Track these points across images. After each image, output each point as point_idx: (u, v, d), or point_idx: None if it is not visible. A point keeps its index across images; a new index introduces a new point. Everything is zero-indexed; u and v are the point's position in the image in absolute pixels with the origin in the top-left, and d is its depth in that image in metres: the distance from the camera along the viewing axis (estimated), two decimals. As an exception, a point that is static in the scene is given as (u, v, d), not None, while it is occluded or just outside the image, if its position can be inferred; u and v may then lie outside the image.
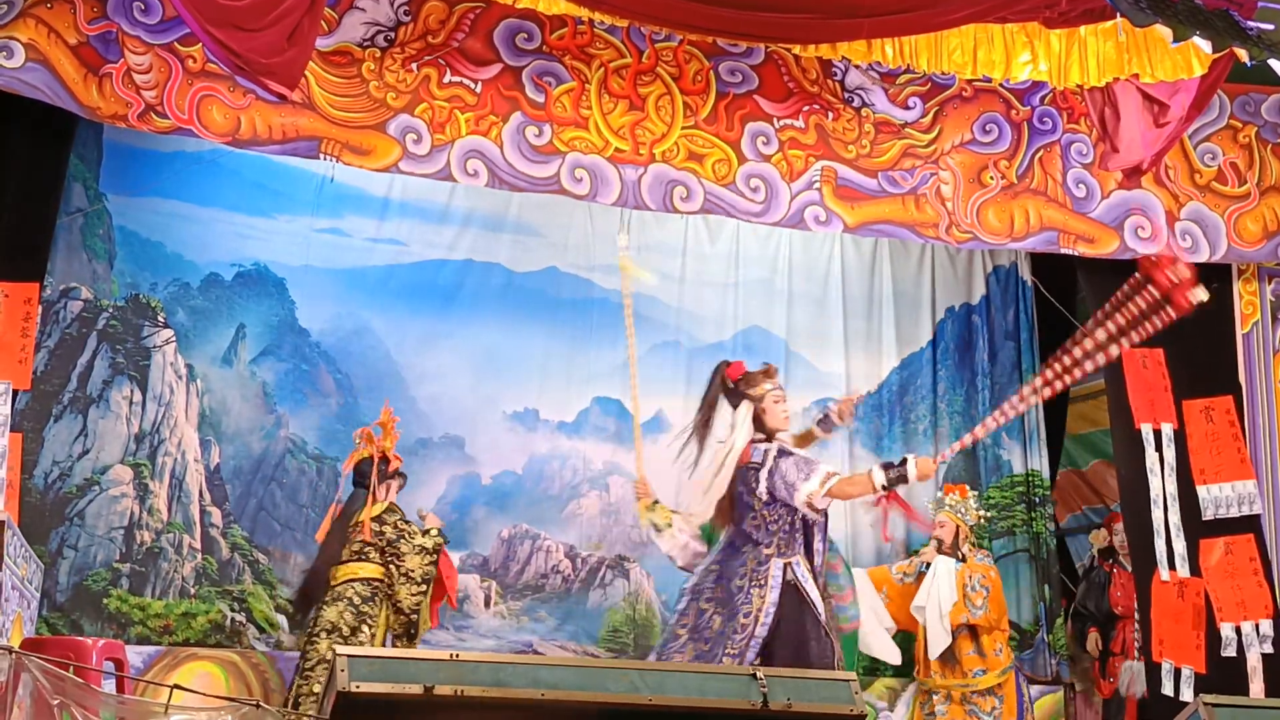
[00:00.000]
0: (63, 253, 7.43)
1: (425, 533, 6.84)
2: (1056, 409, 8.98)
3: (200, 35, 5.66)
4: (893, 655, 7.68)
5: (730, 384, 6.49)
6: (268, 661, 7.41)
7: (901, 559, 8.15)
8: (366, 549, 6.73)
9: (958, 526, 7.81)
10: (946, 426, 8.83)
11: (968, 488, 8.13)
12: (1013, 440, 8.88)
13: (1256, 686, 6.89)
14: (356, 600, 6.64)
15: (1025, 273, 8.99)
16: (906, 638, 7.83)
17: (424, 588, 6.77)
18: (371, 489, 6.83)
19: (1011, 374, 8.94)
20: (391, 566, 6.73)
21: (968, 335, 8.97)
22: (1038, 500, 8.78)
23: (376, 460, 6.85)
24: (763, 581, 6.22)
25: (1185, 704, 5.99)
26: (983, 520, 8.10)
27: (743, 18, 6.22)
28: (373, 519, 6.75)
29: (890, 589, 7.80)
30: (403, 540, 6.75)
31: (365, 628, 6.62)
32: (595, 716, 4.17)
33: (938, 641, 7.54)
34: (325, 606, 6.65)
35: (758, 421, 6.43)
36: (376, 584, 6.71)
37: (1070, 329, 8.89)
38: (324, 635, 6.54)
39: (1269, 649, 6.99)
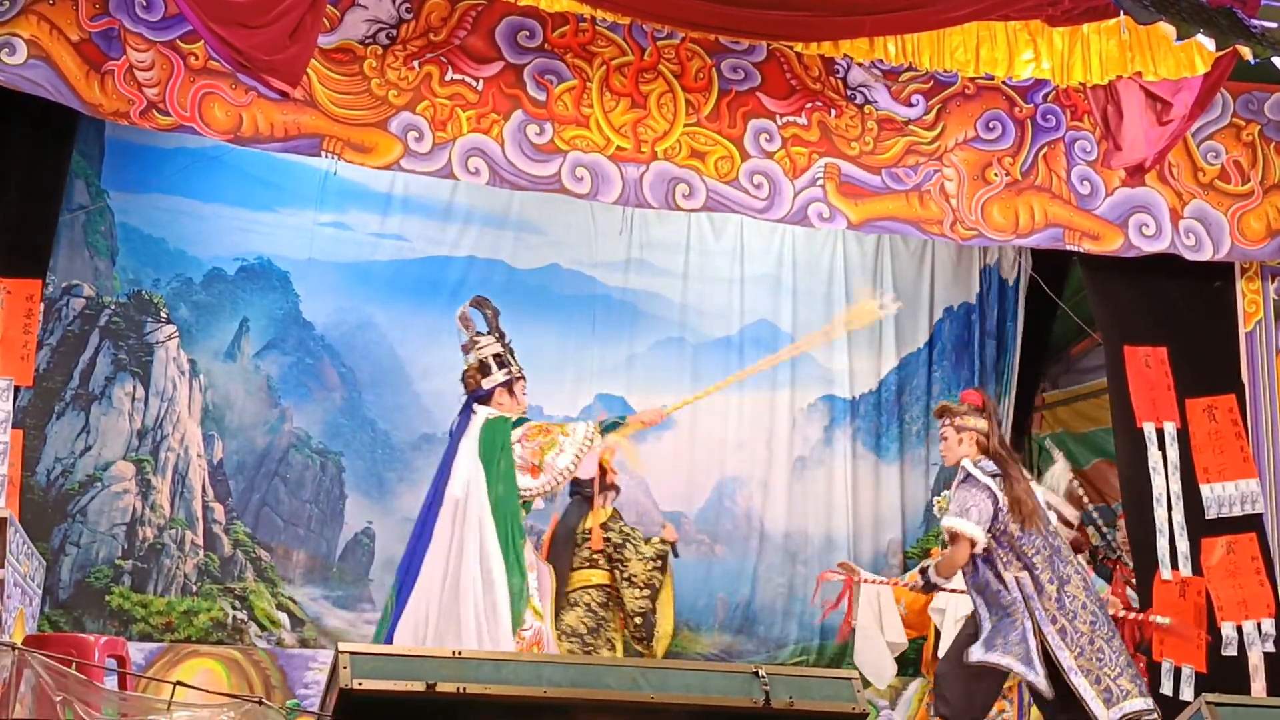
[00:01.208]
0: (65, 250, 7.43)
1: (647, 540, 7.16)
2: (1021, 412, 8.99)
3: (202, 32, 5.66)
4: (881, 676, 7.56)
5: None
6: (269, 659, 7.42)
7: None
8: (596, 556, 7.07)
9: None
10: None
11: None
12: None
13: (1258, 685, 6.87)
14: (594, 605, 7.01)
15: (1007, 271, 8.99)
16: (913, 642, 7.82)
17: (647, 592, 7.08)
18: (593, 500, 7.21)
19: (990, 375, 8.93)
20: (616, 571, 7.05)
21: (965, 335, 8.97)
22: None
23: (597, 473, 7.10)
24: None
25: (1186, 703, 6.00)
26: None
27: (745, 15, 6.21)
28: (601, 526, 7.12)
29: (907, 600, 7.69)
30: (627, 546, 7.08)
31: (603, 630, 6.98)
32: (597, 713, 4.17)
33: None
34: (564, 611, 6.96)
35: None
36: (608, 589, 7.07)
37: (1049, 331, 8.99)
38: (564, 639, 6.82)
39: (1270, 648, 6.99)
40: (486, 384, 6.77)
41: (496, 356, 6.82)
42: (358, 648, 4.32)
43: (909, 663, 8.07)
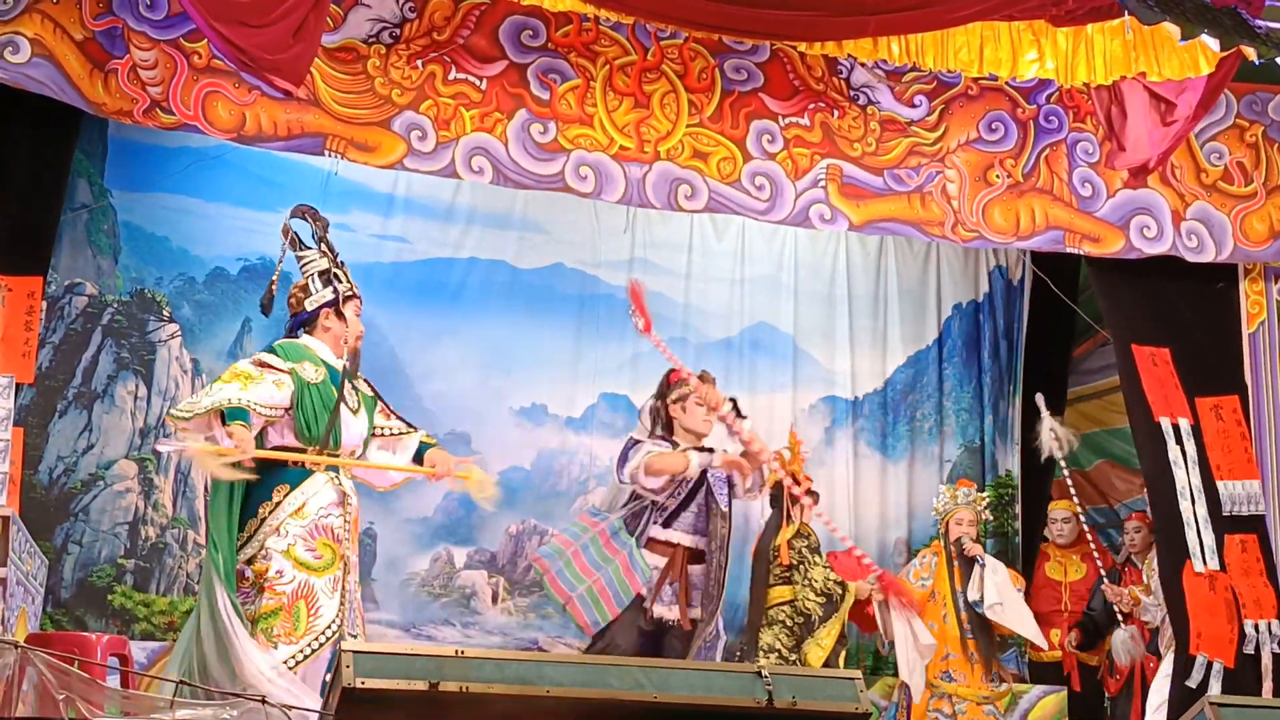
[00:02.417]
0: (67, 249, 7.43)
1: (824, 567, 7.23)
2: (1054, 412, 8.97)
3: (206, 31, 5.66)
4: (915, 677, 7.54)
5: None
6: (271, 658, 7.41)
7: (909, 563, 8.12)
8: (786, 572, 7.18)
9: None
10: (952, 425, 8.84)
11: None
12: (1004, 441, 8.89)
13: (1267, 686, 6.84)
14: (789, 623, 7.11)
15: (1015, 273, 8.99)
16: None
17: (822, 599, 7.13)
18: (785, 510, 7.30)
19: (1004, 374, 8.94)
20: (796, 575, 7.14)
21: (975, 333, 8.98)
22: (1007, 500, 8.80)
23: (787, 484, 7.19)
24: None
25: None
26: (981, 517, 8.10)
27: (748, 15, 6.21)
28: (787, 542, 7.22)
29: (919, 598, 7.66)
30: (818, 552, 7.24)
31: (800, 647, 7.08)
32: (599, 713, 4.17)
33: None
34: (763, 629, 7.11)
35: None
36: (796, 604, 7.16)
37: (1070, 330, 8.98)
38: (762, 655, 6.96)
39: (1279, 648, 6.97)
40: (310, 305, 5.95)
41: (323, 274, 5.98)
42: (361, 646, 4.31)
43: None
